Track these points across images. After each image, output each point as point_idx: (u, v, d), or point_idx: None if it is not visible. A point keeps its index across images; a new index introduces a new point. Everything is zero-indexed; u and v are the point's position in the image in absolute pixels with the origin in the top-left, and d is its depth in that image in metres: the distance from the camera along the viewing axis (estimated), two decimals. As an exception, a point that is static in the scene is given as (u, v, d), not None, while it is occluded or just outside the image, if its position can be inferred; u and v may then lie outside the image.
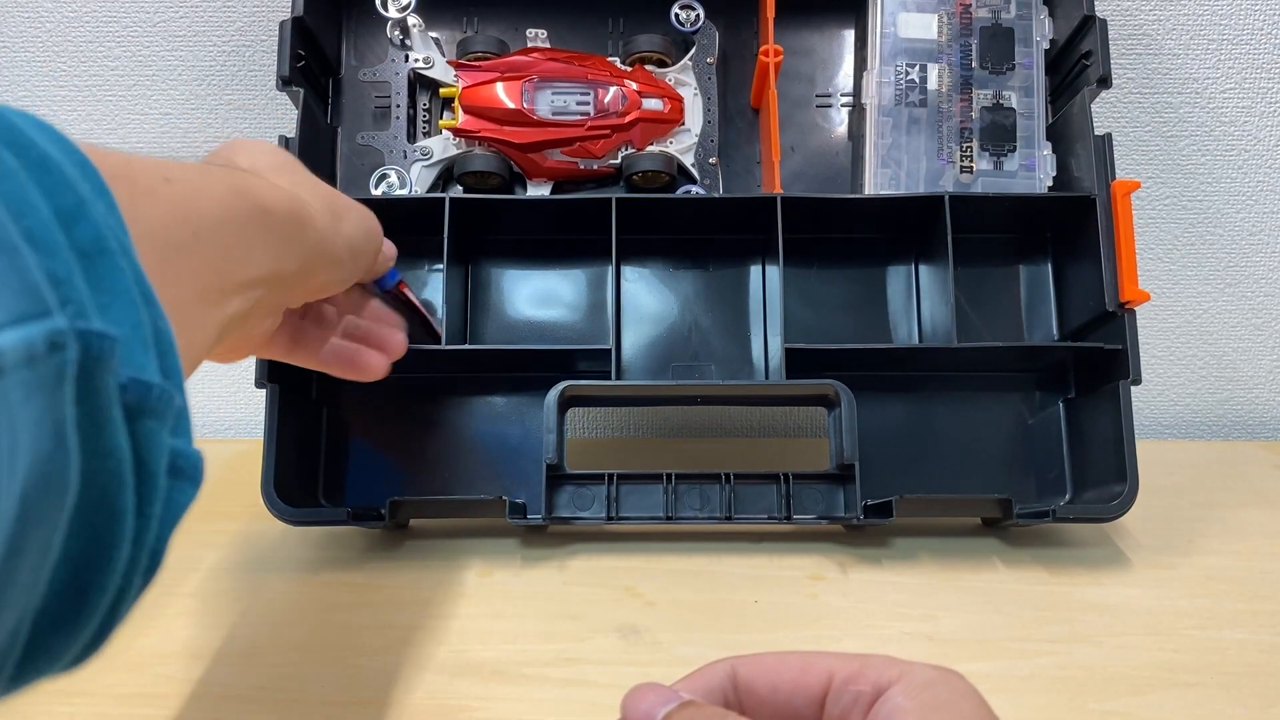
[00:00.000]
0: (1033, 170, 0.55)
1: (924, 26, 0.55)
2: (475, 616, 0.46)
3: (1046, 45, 0.55)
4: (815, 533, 0.52)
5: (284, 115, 0.65)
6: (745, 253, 0.56)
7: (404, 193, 0.54)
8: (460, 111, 0.54)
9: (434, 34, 0.56)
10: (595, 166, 0.55)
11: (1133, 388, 0.49)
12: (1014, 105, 0.55)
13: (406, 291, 0.50)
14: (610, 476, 0.50)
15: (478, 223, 0.55)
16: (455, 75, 0.54)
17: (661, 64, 0.56)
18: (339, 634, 0.44)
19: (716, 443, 0.68)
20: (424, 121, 0.56)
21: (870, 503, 0.49)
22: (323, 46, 0.55)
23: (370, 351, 0.45)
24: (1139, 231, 0.51)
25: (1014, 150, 0.55)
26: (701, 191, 0.55)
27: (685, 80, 0.56)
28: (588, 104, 0.54)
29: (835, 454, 0.49)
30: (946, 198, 0.52)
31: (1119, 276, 0.50)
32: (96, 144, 0.23)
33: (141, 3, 0.64)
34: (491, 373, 0.55)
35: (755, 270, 0.57)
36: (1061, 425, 0.54)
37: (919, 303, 0.55)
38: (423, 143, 0.55)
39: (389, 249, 0.45)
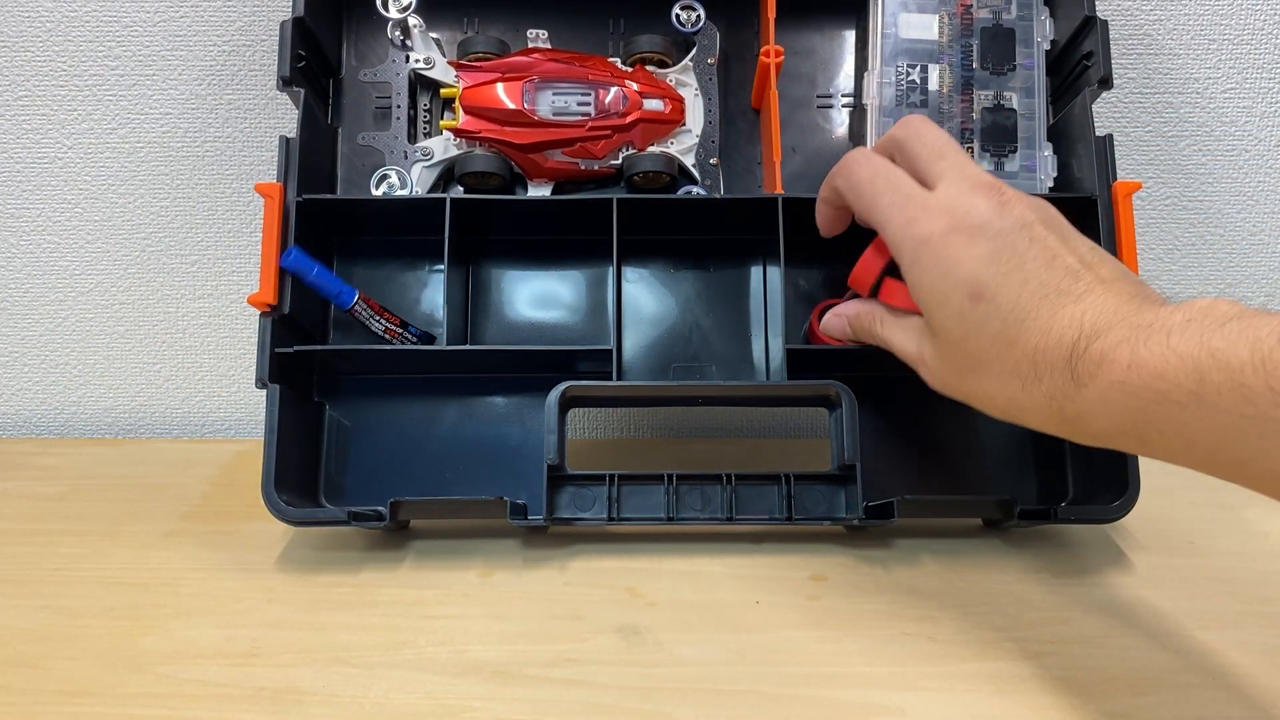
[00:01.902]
0: (1034, 171, 0.55)
1: (925, 27, 0.55)
2: (476, 617, 0.46)
3: (1047, 46, 0.55)
4: (816, 534, 0.52)
5: (284, 115, 0.65)
6: (746, 253, 0.56)
7: (404, 193, 0.54)
8: (461, 112, 0.54)
9: (434, 34, 0.56)
10: (596, 167, 0.55)
11: (1133, 388, 0.49)
12: (1015, 106, 0.55)
13: (369, 309, 0.51)
14: (611, 477, 0.50)
15: (478, 223, 0.55)
16: (456, 76, 0.54)
17: (662, 64, 0.56)
18: (339, 634, 0.44)
19: (718, 443, 0.68)
20: (424, 122, 0.56)
21: (871, 504, 0.49)
22: (323, 47, 0.55)
23: None
24: (1139, 232, 0.51)
25: (1015, 151, 0.55)
26: (702, 192, 0.55)
27: (686, 81, 0.56)
28: (588, 104, 0.54)
29: (836, 455, 0.49)
30: (947, 198, 0.51)
31: (1120, 277, 0.50)
32: None
33: (141, 3, 0.64)
34: (492, 373, 0.55)
35: (756, 271, 0.57)
36: (1062, 426, 0.54)
37: (920, 303, 0.55)
38: (423, 143, 0.55)
39: None
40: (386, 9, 0.55)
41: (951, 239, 0.39)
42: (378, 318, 0.52)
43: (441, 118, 0.56)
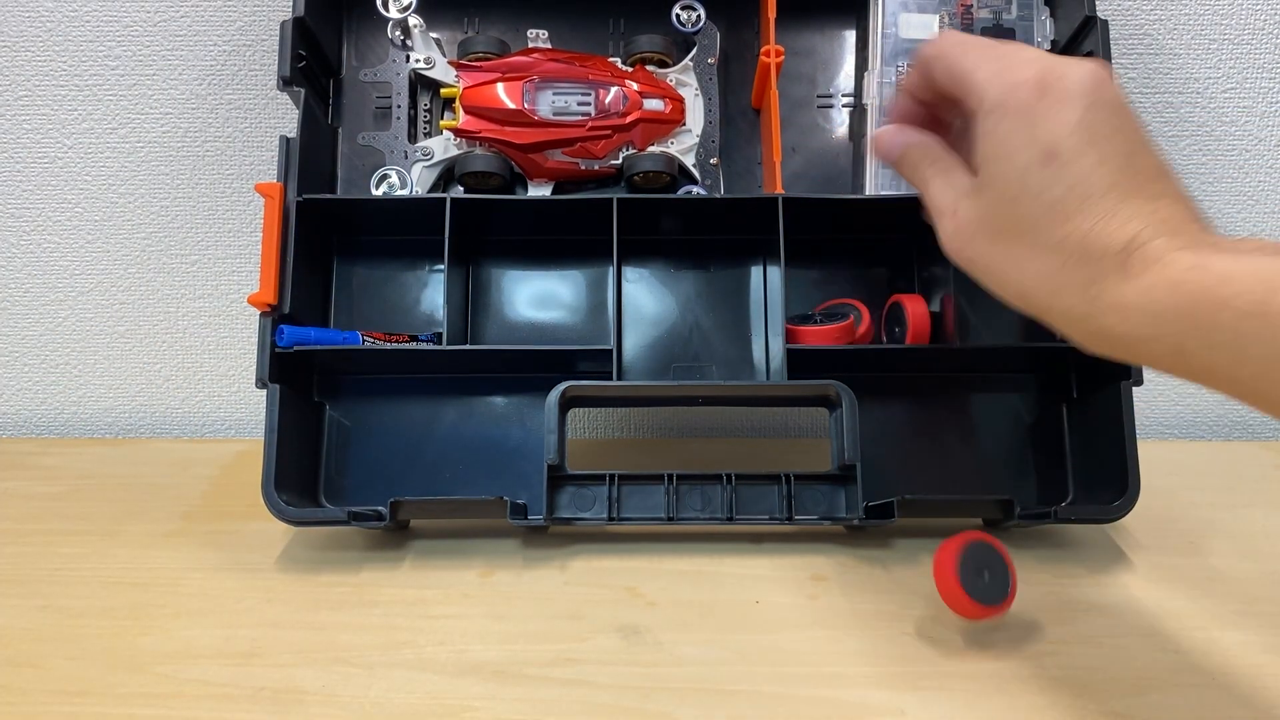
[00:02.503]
0: (1033, 171, 0.54)
1: (925, 27, 0.55)
2: (476, 617, 0.46)
3: (1048, 46, 0.55)
4: (816, 534, 0.52)
5: (285, 115, 0.65)
6: (746, 253, 0.56)
7: (405, 193, 0.54)
8: (461, 112, 0.54)
9: (435, 34, 0.56)
10: (596, 167, 0.55)
11: (1134, 388, 0.49)
12: (1015, 106, 0.55)
13: (377, 341, 0.52)
14: (611, 477, 0.50)
15: (479, 223, 0.55)
16: (456, 75, 0.54)
17: (662, 64, 0.56)
18: (339, 634, 0.44)
19: (718, 443, 0.68)
20: (425, 122, 0.56)
21: (871, 504, 0.49)
22: (323, 47, 0.55)
23: None
24: (1140, 232, 0.51)
25: (1015, 151, 0.55)
26: (702, 192, 0.55)
27: (686, 81, 0.56)
28: (589, 104, 0.54)
29: (836, 455, 0.49)
30: (947, 198, 0.51)
31: (1120, 277, 0.49)
32: None
33: (141, 2, 0.64)
34: (492, 373, 0.55)
35: (756, 271, 0.57)
36: (1063, 426, 0.54)
37: (920, 303, 0.55)
38: (423, 143, 0.55)
39: None
40: (386, 9, 0.55)
41: (1041, 92, 0.36)
42: (387, 344, 0.52)
43: (441, 118, 0.56)
